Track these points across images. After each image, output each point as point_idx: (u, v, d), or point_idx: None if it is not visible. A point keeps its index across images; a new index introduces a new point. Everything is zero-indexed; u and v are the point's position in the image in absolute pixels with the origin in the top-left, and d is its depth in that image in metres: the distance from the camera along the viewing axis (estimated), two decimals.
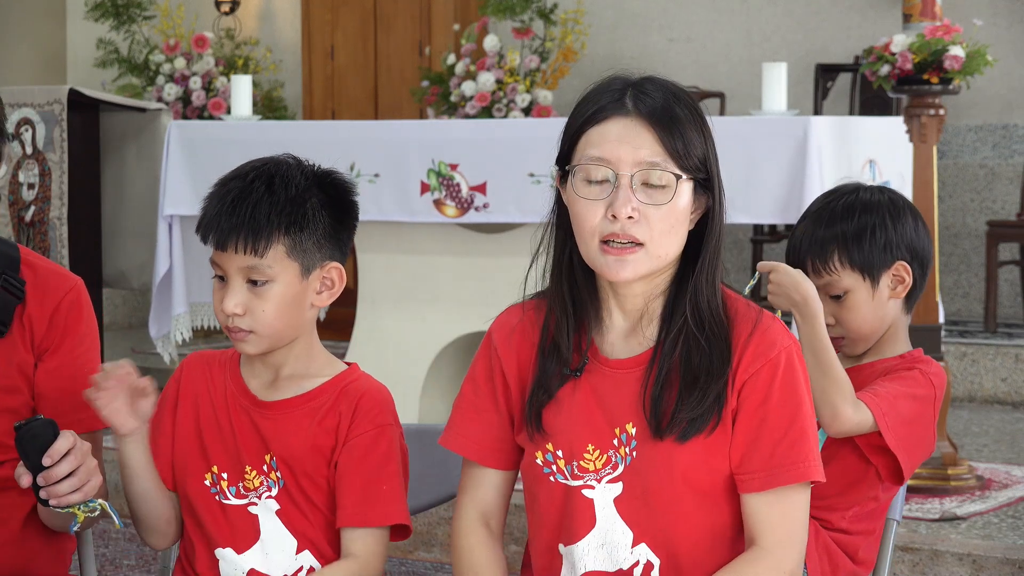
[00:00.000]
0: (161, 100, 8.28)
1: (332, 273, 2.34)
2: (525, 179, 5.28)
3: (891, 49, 4.88)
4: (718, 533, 2.17)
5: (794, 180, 4.87)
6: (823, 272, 2.65)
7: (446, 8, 8.90)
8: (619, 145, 2.10)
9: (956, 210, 7.99)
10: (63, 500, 2.18)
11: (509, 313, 2.28)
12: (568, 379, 2.19)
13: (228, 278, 2.29)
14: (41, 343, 2.48)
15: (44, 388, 2.47)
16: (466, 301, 5.42)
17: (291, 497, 2.32)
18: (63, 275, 2.55)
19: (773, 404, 2.12)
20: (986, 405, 6.66)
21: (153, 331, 5.93)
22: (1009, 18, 7.89)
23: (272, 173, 2.32)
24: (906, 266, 2.66)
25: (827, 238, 2.66)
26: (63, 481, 2.17)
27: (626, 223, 2.09)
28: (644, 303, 2.18)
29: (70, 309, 2.50)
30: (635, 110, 2.11)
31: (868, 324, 2.67)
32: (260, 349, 2.31)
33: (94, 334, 2.55)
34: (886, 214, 2.67)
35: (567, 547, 2.20)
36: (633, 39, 8.77)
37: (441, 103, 8.15)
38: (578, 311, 2.20)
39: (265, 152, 2.45)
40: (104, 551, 4.85)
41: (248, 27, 9.60)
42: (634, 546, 2.16)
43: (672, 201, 2.10)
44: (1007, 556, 4.18)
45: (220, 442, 2.36)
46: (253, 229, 2.25)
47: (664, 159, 2.10)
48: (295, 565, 2.34)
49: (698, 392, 2.12)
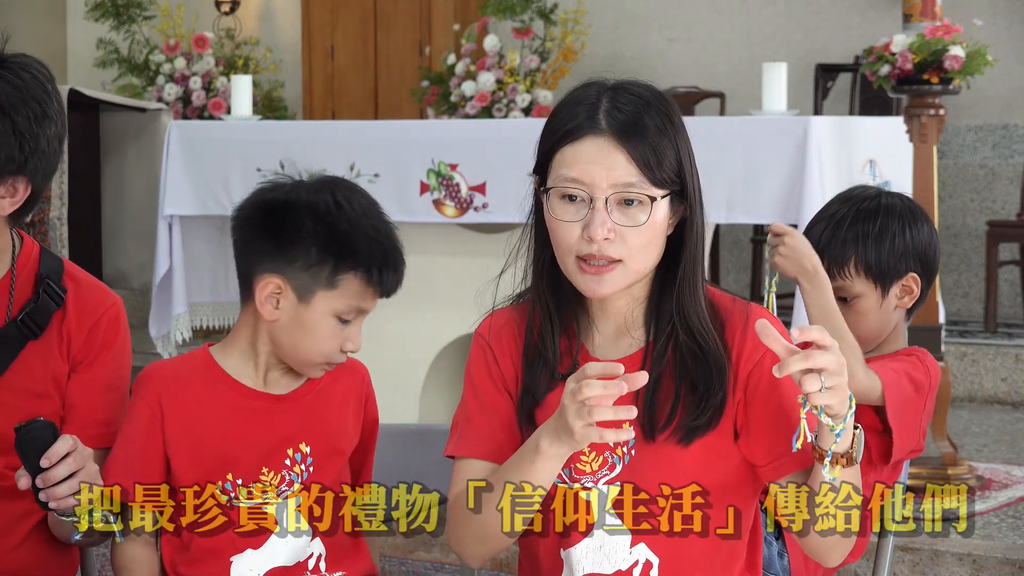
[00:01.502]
0: (161, 100, 8.28)
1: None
2: (525, 179, 5.25)
3: (891, 49, 4.88)
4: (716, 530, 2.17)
5: (794, 180, 4.87)
6: (837, 276, 2.67)
7: (446, 8, 8.90)
8: (592, 166, 2.10)
9: (956, 210, 7.99)
10: (62, 503, 2.18)
11: (495, 316, 2.28)
12: (559, 383, 2.17)
13: (356, 318, 2.34)
14: (77, 355, 2.49)
15: (74, 399, 2.48)
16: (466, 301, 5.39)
17: (317, 481, 2.33)
18: (105, 291, 2.58)
19: (786, 387, 2.11)
20: (986, 405, 6.65)
21: (153, 331, 5.92)
22: (1009, 18, 7.89)
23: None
24: (916, 278, 2.68)
25: (848, 239, 2.67)
26: (62, 483, 2.17)
27: (603, 244, 2.09)
28: (627, 308, 2.18)
29: (109, 325, 2.53)
30: (608, 128, 2.10)
31: (872, 330, 2.69)
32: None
33: (128, 353, 2.58)
34: (906, 221, 2.69)
35: (565, 550, 2.20)
36: (633, 39, 8.77)
37: (441, 103, 8.15)
38: (563, 313, 2.20)
39: (265, 151, 2.46)
40: (104, 551, 4.84)
41: (248, 27, 9.61)
42: (633, 546, 2.16)
43: (649, 220, 2.10)
44: (1007, 556, 4.18)
45: (227, 452, 2.33)
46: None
47: (639, 179, 2.09)
48: (306, 552, 2.35)
49: (698, 399, 2.12)
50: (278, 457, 2.33)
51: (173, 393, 2.36)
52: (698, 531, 2.14)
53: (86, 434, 2.39)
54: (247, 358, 2.38)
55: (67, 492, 2.18)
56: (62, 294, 2.49)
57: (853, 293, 2.67)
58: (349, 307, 2.32)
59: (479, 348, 2.26)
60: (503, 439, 2.20)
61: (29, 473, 2.17)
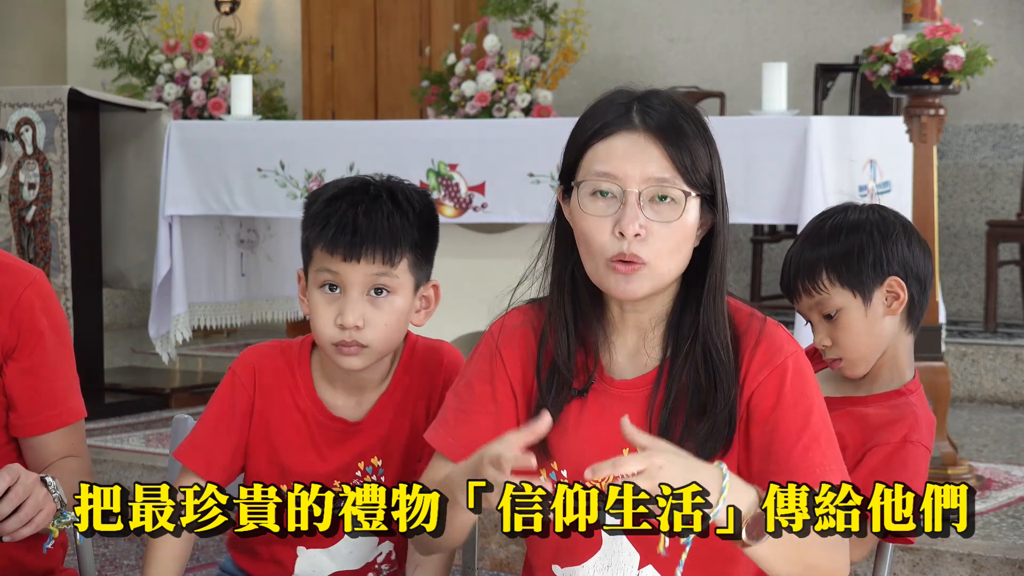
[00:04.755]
0: (161, 100, 8.28)
1: (430, 291, 2.39)
2: (524, 179, 5.28)
3: (891, 49, 4.88)
4: (726, 553, 2.13)
5: (794, 180, 4.87)
6: (813, 291, 2.58)
7: (446, 8, 8.90)
8: (626, 161, 2.05)
9: (956, 210, 7.99)
10: (16, 535, 2.17)
11: (512, 317, 2.22)
12: (573, 399, 2.15)
13: (346, 290, 2.28)
14: (5, 341, 2.43)
15: (15, 389, 2.44)
16: (465, 301, 5.42)
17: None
18: (22, 269, 2.48)
19: (783, 410, 2.09)
20: (986, 405, 6.65)
21: (152, 331, 5.92)
22: (1009, 18, 7.89)
23: (392, 190, 2.33)
24: (899, 282, 2.58)
25: (814, 260, 2.58)
26: (9, 519, 2.15)
27: (632, 241, 2.04)
28: (648, 323, 2.15)
29: (32, 303, 2.44)
30: (642, 124, 2.06)
31: (864, 343, 2.59)
32: (367, 363, 2.32)
33: (62, 323, 2.50)
34: (874, 231, 2.58)
35: (566, 568, 2.17)
36: (633, 39, 8.77)
37: (441, 103, 8.15)
38: (580, 328, 2.16)
39: (265, 151, 2.47)
40: (104, 551, 4.85)
41: (248, 27, 9.61)
42: (641, 567, 2.14)
43: (680, 218, 2.06)
44: (1007, 556, 4.18)
45: (302, 463, 2.36)
46: (392, 240, 2.28)
47: (673, 175, 2.05)
48: (374, 553, 2.40)
49: (707, 421, 2.09)
50: (348, 474, 2.36)
51: (266, 386, 2.39)
52: (708, 550, 2.10)
53: (38, 419, 2.38)
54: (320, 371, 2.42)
55: (17, 525, 2.16)
56: None
57: (834, 307, 2.57)
58: (322, 274, 2.30)
59: (487, 350, 2.21)
60: (475, 446, 2.15)
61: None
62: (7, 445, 2.48)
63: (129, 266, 6.36)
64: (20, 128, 6.06)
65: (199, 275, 6.03)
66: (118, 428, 5.94)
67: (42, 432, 2.47)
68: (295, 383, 2.38)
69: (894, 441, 2.53)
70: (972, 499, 2.06)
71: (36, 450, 2.47)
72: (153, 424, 6.06)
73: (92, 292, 6.23)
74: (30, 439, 2.47)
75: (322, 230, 2.28)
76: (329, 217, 2.28)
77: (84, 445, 2.52)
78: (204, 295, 6.06)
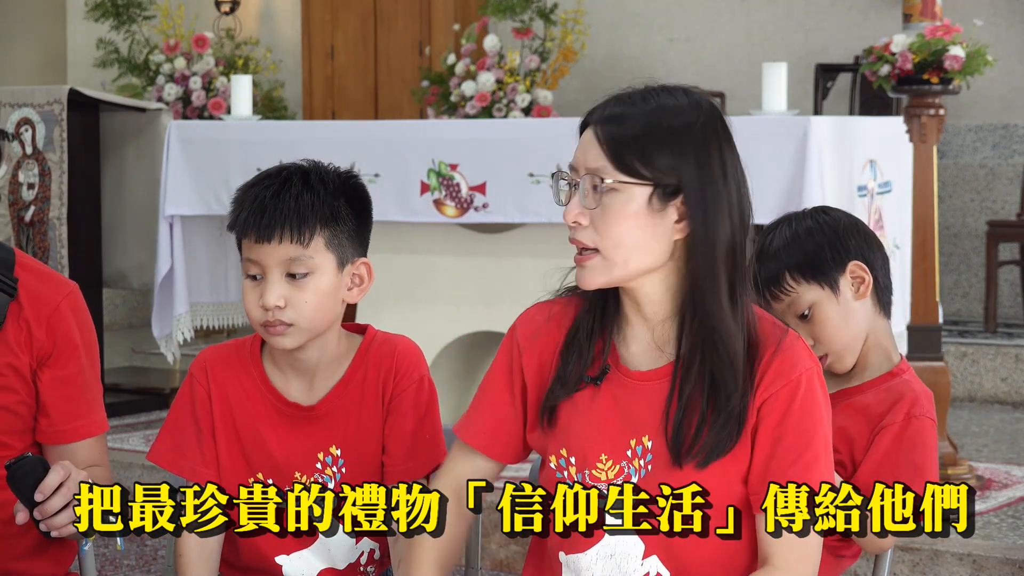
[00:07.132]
0: (161, 100, 8.28)
1: (361, 269, 2.42)
2: (525, 179, 5.27)
3: (891, 49, 4.88)
4: (731, 548, 2.14)
5: (794, 180, 4.87)
6: (781, 294, 2.61)
7: (446, 8, 8.90)
8: (578, 151, 2.12)
9: (956, 210, 7.99)
10: (63, 531, 2.21)
11: (537, 310, 2.27)
12: (588, 384, 2.17)
13: (266, 273, 2.34)
14: (42, 349, 2.49)
15: (50, 396, 2.49)
16: (466, 301, 5.42)
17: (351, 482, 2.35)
18: (59, 280, 2.56)
19: (789, 426, 2.10)
20: (986, 405, 6.66)
21: (156, 331, 5.92)
22: (1009, 18, 7.89)
23: (305, 171, 2.38)
24: (861, 265, 2.61)
25: (776, 269, 2.60)
26: (60, 513, 2.19)
27: (574, 228, 2.10)
28: (654, 315, 2.16)
29: (67, 314, 2.51)
30: (599, 117, 2.12)
31: (844, 333, 2.61)
32: (298, 342, 2.36)
33: (93, 336, 2.56)
34: (824, 228, 2.62)
35: (570, 555, 2.18)
36: (633, 39, 8.77)
37: (441, 103, 8.15)
38: (603, 314, 2.19)
39: (265, 151, 2.49)
40: (104, 551, 4.85)
41: (248, 27, 9.61)
42: (645, 558, 2.15)
43: (613, 205, 2.07)
44: (1007, 556, 4.18)
45: (261, 451, 2.40)
46: (299, 219, 2.32)
47: (605, 164, 2.08)
48: (356, 553, 2.41)
49: (720, 423, 2.09)
50: (309, 463, 2.38)
51: (220, 379, 2.44)
52: (713, 545, 2.11)
53: (70, 427, 2.41)
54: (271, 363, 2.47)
55: (66, 521, 2.20)
56: (13, 284, 2.47)
57: (806, 303, 2.60)
58: (246, 264, 2.37)
59: (508, 342, 2.27)
60: (502, 436, 2.24)
61: (26, 507, 2.20)
62: (31, 448, 2.53)
63: (129, 266, 6.36)
64: (20, 128, 6.06)
65: (201, 275, 6.02)
66: (118, 428, 5.94)
67: (72, 440, 2.52)
68: (248, 373, 2.44)
69: (899, 420, 2.56)
70: (972, 499, 2.07)
71: (64, 458, 2.50)
72: (153, 424, 6.06)
73: (92, 292, 6.23)
74: (59, 446, 2.52)
75: (237, 216, 2.36)
76: (243, 202, 2.36)
77: (107, 457, 2.58)
78: (206, 295, 6.06)
